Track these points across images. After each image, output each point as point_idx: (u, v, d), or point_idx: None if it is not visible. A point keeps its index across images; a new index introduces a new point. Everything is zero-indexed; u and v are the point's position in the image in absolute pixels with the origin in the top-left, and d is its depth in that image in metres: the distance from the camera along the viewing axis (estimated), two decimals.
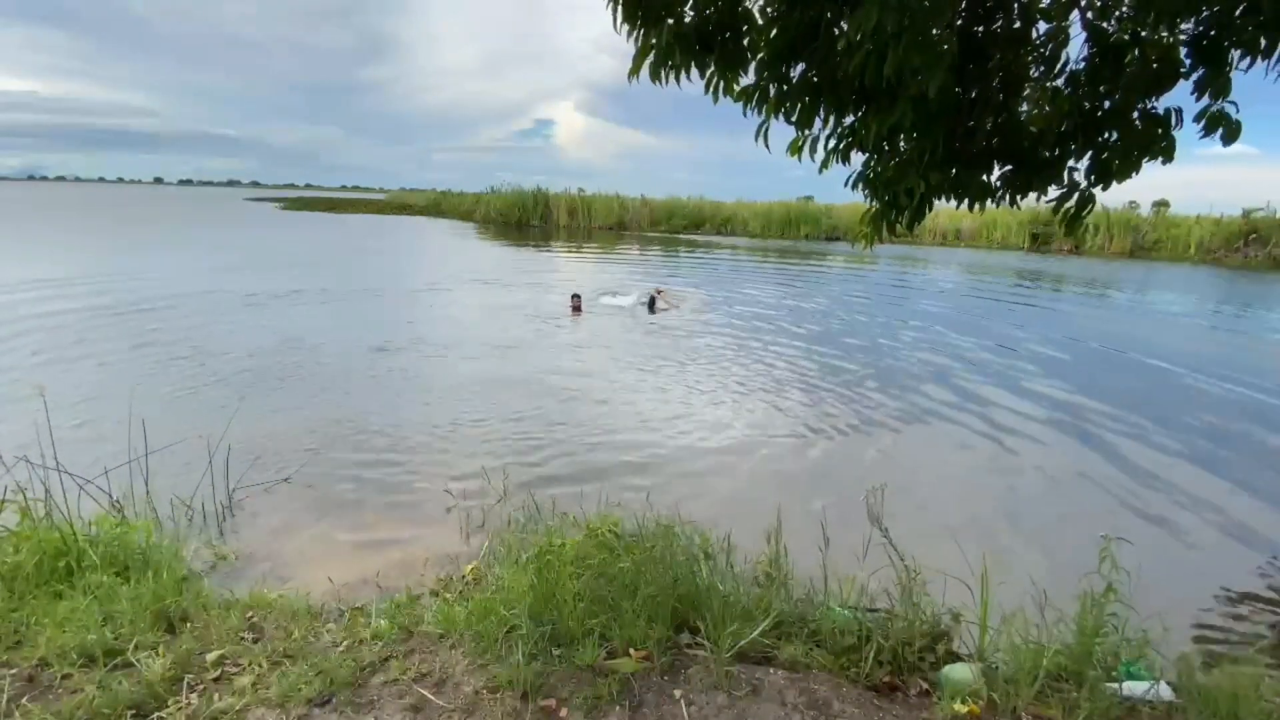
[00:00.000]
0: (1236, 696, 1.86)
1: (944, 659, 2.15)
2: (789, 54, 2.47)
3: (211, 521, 3.58)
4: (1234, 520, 4.04)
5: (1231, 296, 14.01)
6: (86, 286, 10.58)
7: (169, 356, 6.88)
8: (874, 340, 8.74)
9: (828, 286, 13.88)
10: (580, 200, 33.60)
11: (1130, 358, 8.13)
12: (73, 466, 3.25)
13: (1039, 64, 2.57)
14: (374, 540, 3.47)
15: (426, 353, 7.57)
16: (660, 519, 2.64)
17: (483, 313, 9.88)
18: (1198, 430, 5.64)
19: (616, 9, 2.45)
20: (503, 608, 2.23)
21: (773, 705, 1.93)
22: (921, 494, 4.21)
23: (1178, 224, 22.74)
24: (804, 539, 2.60)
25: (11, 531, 2.63)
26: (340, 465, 4.33)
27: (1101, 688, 1.94)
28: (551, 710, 1.89)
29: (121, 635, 2.14)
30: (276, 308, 9.78)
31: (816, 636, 2.22)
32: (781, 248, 24.39)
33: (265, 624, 2.33)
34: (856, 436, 5.24)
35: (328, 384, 6.13)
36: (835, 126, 2.63)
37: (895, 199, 2.72)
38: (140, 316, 8.73)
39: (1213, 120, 2.26)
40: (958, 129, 2.52)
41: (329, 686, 1.95)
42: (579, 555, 2.40)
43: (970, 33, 2.47)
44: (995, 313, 11.20)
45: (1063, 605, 2.15)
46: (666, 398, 6.02)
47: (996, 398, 6.26)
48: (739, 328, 9.22)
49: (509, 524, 3.45)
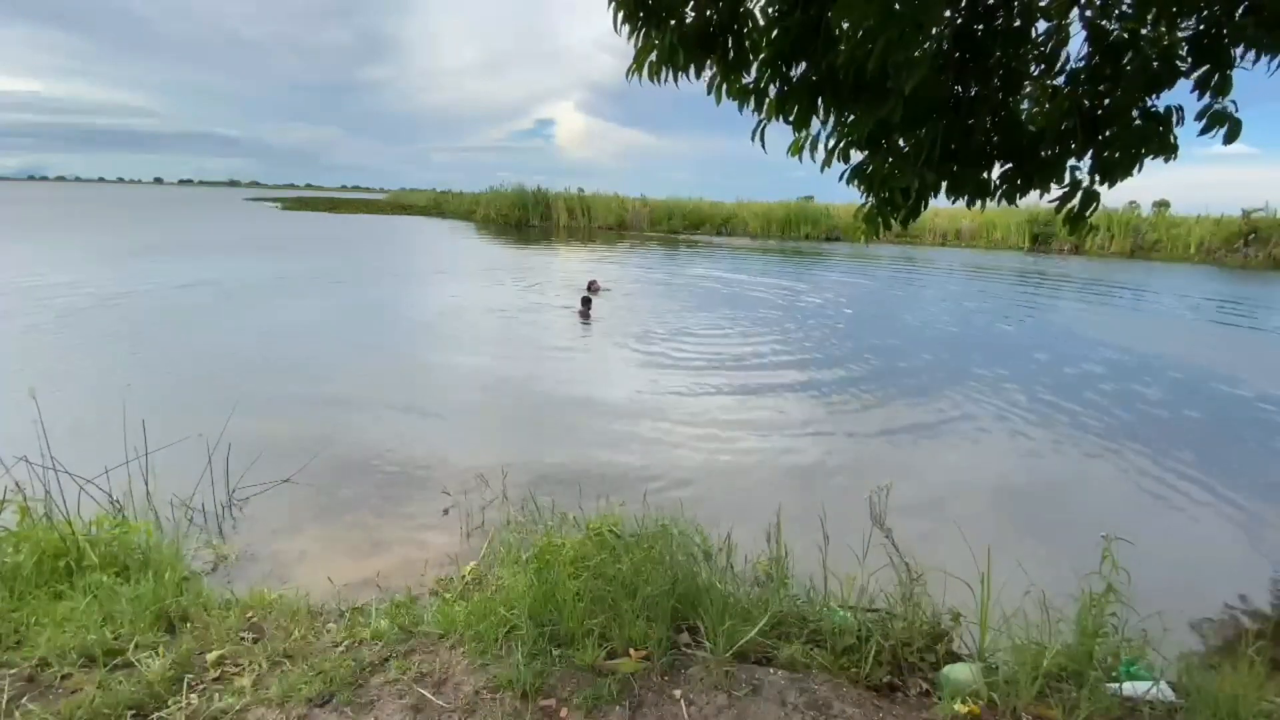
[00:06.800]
0: (1236, 696, 1.85)
1: (944, 659, 2.14)
2: (790, 54, 2.47)
3: (211, 521, 3.58)
4: (1234, 520, 4.04)
5: (1232, 296, 14.00)
6: (87, 286, 10.58)
7: (169, 356, 6.89)
8: (874, 340, 8.73)
9: (828, 287, 13.88)
10: (580, 200, 33.57)
11: (1131, 358, 8.13)
12: (72, 466, 3.25)
13: (1039, 62, 2.57)
14: (374, 540, 3.46)
15: (426, 352, 7.57)
16: (660, 519, 2.64)
17: (483, 312, 9.88)
18: (1198, 430, 5.64)
19: (618, 11, 2.46)
20: (503, 608, 2.23)
21: (773, 705, 1.92)
22: (921, 494, 4.21)
23: (1178, 224, 22.70)
24: (804, 539, 2.60)
25: (11, 532, 2.63)
26: (340, 465, 4.33)
27: (1102, 688, 1.93)
28: (551, 710, 1.89)
29: (121, 635, 2.14)
30: (276, 307, 9.78)
31: (816, 636, 2.22)
32: (782, 248, 24.38)
33: (265, 624, 2.33)
34: (857, 436, 5.23)
35: (328, 384, 6.13)
36: (836, 125, 2.64)
37: (891, 196, 2.72)
38: (140, 316, 8.74)
39: (1213, 118, 2.26)
40: (956, 126, 2.52)
41: (329, 686, 1.95)
42: (579, 555, 2.40)
43: (970, 31, 2.47)
44: (995, 313, 11.19)
45: (1063, 605, 2.15)
46: (667, 397, 6.02)
47: (997, 397, 6.26)
48: (739, 328, 9.22)
49: (509, 524, 3.45)
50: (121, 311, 8.95)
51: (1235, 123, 2.25)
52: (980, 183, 2.64)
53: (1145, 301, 13.10)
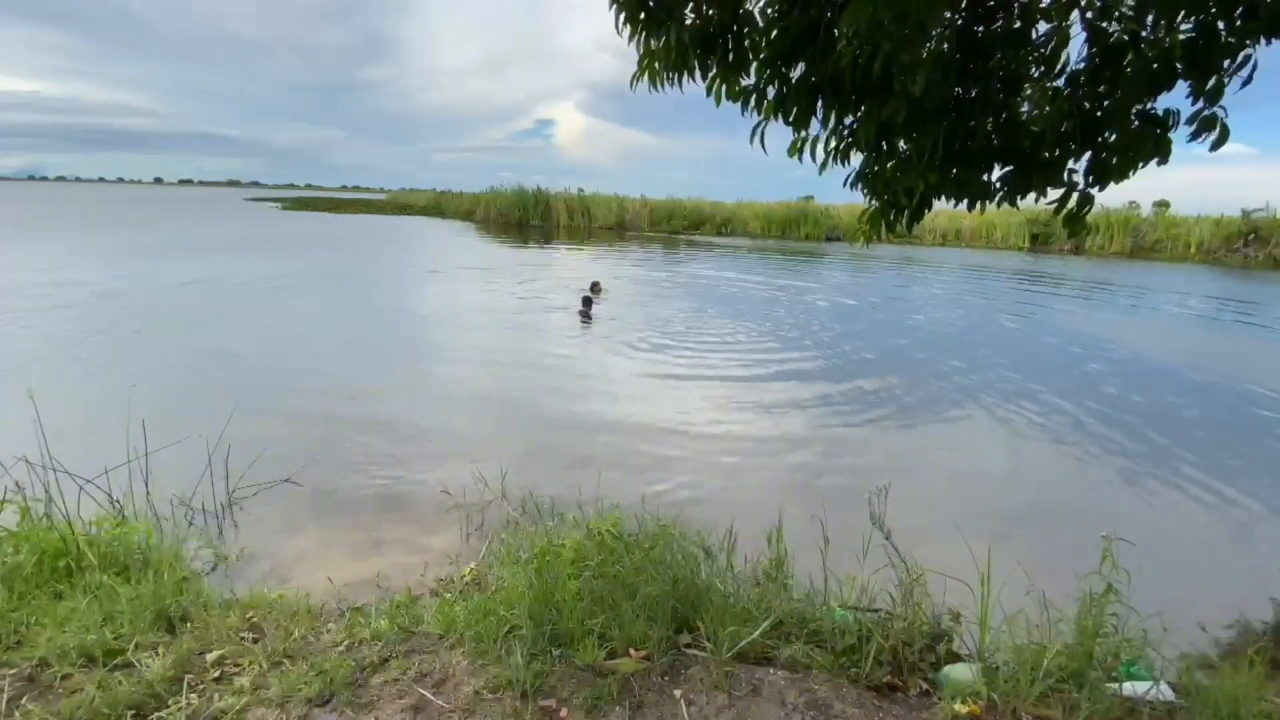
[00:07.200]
0: (1236, 696, 1.86)
1: (944, 659, 2.15)
2: (789, 54, 2.47)
3: (211, 521, 3.58)
4: (1235, 520, 4.04)
5: (1232, 296, 14.01)
6: (87, 286, 10.58)
7: (169, 356, 6.89)
8: (874, 341, 8.74)
9: (828, 287, 13.88)
10: (580, 200, 33.59)
11: (1131, 357, 8.13)
12: (72, 466, 3.25)
13: (1039, 64, 2.58)
14: (374, 540, 3.46)
15: (426, 352, 7.58)
16: (660, 519, 2.64)
17: (483, 312, 9.88)
18: (1199, 430, 5.64)
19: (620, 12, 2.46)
20: (503, 608, 2.23)
21: (773, 705, 1.93)
22: (922, 494, 4.21)
23: (1178, 224, 22.71)
24: (804, 539, 2.60)
25: (11, 532, 2.63)
26: (340, 465, 4.33)
27: (1102, 688, 1.93)
28: (552, 710, 1.89)
29: (121, 635, 2.14)
30: (276, 307, 9.79)
31: (817, 637, 2.22)
32: (782, 248, 24.39)
33: (265, 624, 2.33)
34: (857, 436, 5.24)
35: (328, 384, 6.13)
36: (835, 126, 2.64)
37: (895, 198, 2.72)
38: (140, 316, 8.74)
39: (1203, 123, 2.27)
40: (958, 128, 2.52)
41: (329, 686, 1.95)
42: (579, 555, 2.40)
43: (970, 32, 2.48)
44: (995, 313, 11.20)
45: (1063, 605, 2.15)
46: (668, 398, 6.02)
47: (997, 397, 6.26)
48: (739, 328, 9.22)
49: (509, 524, 3.45)
50: (121, 311, 8.95)
51: (1224, 129, 2.25)
52: (981, 185, 2.64)
53: (1145, 302, 13.10)
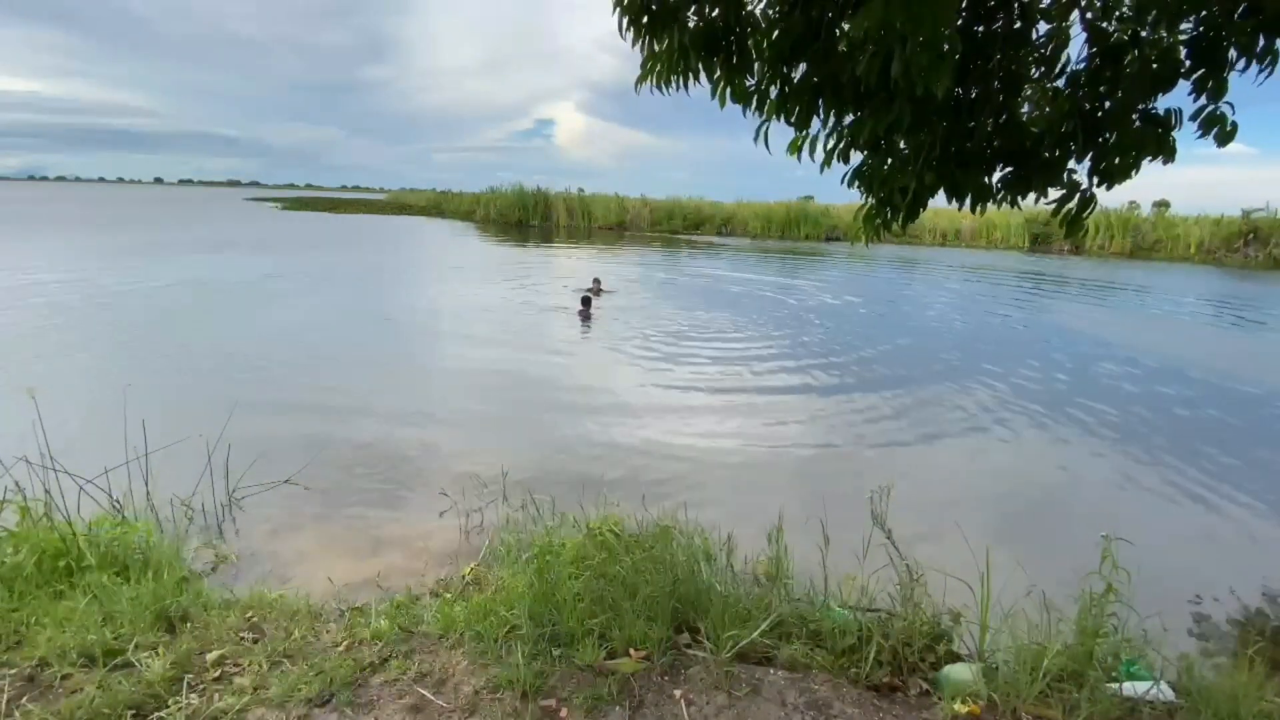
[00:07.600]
0: (1236, 696, 1.86)
1: (944, 659, 2.15)
2: (791, 55, 2.47)
3: (211, 521, 3.58)
4: (1235, 519, 4.04)
5: (1233, 296, 14.01)
6: (87, 285, 10.57)
7: (168, 355, 6.88)
8: (874, 341, 8.74)
9: (828, 287, 13.88)
10: (580, 200, 33.59)
11: (1131, 357, 8.13)
12: (72, 466, 3.25)
13: (1039, 64, 2.57)
14: (374, 540, 3.46)
15: (426, 352, 7.58)
16: (660, 519, 2.64)
17: (482, 312, 9.88)
18: (1199, 430, 5.64)
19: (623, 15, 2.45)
20: (503, 608, 2.23)
21: (773, 705, 1.93)
22: (922, 494, 4.21)
23: (1178, 224, 22.71)
24: (804, 539, 2.60)
25: (11, 532, 2.63)
26: (341, 465, 4.33)
27: (1102, 688, 1.93)
28: (552, 710, 1.89)
29: (121, 635, 2.14)
30: (276, 307, 9.79)
31: (817, 637, 2.22)
32: (782, 248, 24.39)
33: (265, 624, 2.33)
34: (857, 436, 5.23)
35: (328, 383, 6.13)
36: (836, 126, 2.64)
37: (890, 196, 2.72)
38: (140, 315, 8.74)
39: (1209, 121, 2.26)
40: (957, 128, 2.52)
41: (329, 686, 1.95)
42: (579, 555, 2.40)
43: (971, 32, 2.47)
44: (995, 313, 11.20)
45: (1063, 605, 2.15)
46: (668, 398, 6.02)
47: (997, 398, 6.26)
48: (739, 328, 9.22)
49: (509, 524, 3.45)
50: (121, 310, 8.95)
51: (1231, 126, 2.25)
52: (981, 186, 2.64)
53: (1145, 302, 13.10)
